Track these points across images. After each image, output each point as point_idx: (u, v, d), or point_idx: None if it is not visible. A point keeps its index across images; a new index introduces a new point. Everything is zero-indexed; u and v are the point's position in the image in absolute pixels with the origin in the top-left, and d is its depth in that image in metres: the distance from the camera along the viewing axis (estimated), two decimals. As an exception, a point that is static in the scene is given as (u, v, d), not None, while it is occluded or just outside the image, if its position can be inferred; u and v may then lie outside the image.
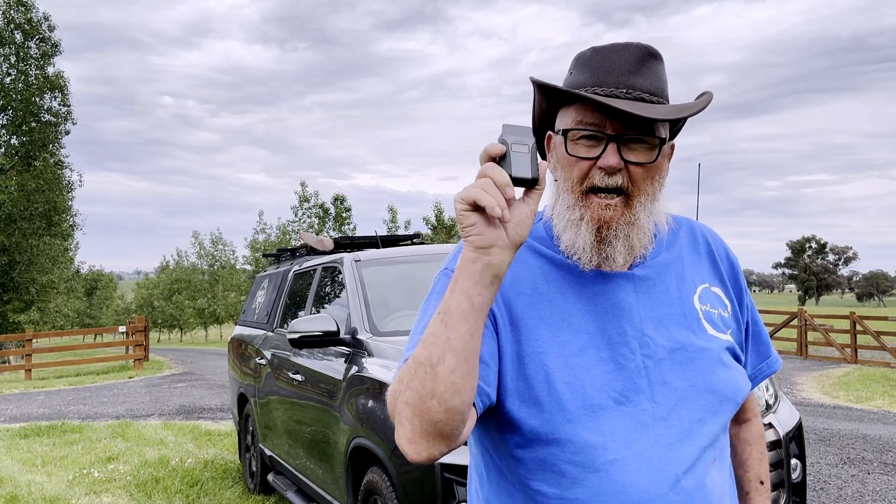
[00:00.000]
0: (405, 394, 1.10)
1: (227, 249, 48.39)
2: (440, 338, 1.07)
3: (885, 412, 9.97)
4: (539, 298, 1.26)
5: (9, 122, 28.09)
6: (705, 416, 1.24)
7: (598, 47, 1.28)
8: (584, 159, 1.23)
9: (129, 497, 6.05)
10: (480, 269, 1.05)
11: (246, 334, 6.63)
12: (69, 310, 39.08)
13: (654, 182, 1.25)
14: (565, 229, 1.25)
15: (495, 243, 1.05)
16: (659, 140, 1.24)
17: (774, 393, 4.06)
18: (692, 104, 1.28)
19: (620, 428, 1.20)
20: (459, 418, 1.09)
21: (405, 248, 5.47)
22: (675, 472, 1.20)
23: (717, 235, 1.44)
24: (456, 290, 1.07)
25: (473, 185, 1.04)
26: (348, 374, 3.89)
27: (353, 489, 3.79)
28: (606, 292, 1.26)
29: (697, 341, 1.28)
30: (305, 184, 37.69)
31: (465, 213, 1.05)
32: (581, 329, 1.24)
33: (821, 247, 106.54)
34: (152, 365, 20.21)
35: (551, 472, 1.20)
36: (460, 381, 1.07)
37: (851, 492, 5.90)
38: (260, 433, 5.86)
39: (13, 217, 26.92)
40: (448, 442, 1.11)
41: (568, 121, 1.26)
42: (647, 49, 1.26)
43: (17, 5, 27.50)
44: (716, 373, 1.28)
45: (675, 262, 1.34)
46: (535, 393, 1.20)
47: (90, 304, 61.40)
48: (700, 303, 1.33)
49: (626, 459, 1.19)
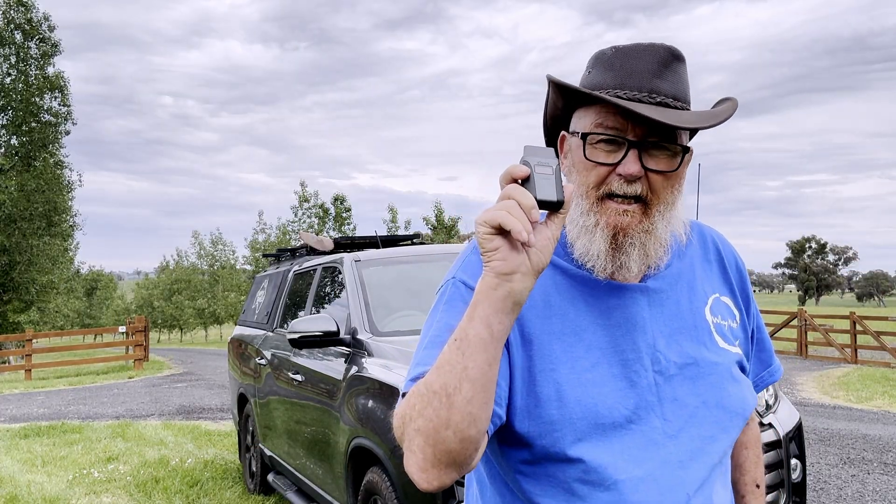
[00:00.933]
0: (417, 421, 1.06)
1: (226, 249, 48.46)
2: (457, 366, 1.02)
3: (885, 412, 9.97)
4: (551, 311, 1.21)
5: (9, 122, 28.07)
6: (716, 433, 1.22)
7: (620, 47, 1.22)
8: (603, 165, 1.18)
9: (129, 497, 6.05)
10: (502, 296, 1.00)
11: (246, 334, 6.63)
12: (69, 310, 39.10)
13: (674, 190, 1.20)
14: (579, 236, 1.20)
15: (518, 269, 1.00)
16: (681, 148, 1.19)
17: (774, 393, 4.06)
18: (718, 112, 1.22)
19: (631, 446, 1.17)
20: (474, 447, 1.06)
21: (405, 248, 5.47)
22: (685, 491, 1.17)
23: (726, 241, 1.40)
24: (475, 318, 1.02)
25: (497, 208, 0.98)
26: (348, 374, 3.89)
27: (353, 489, 3.79)
28: (620, 306, 1.22)
29: (709, 355, 1.25)
30: (305, 184, 37.70)
31: (489, 237, 0.99)
32: (593, 344, 1.20)
33: (821, 247, 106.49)
34: (152, 365, 20.21)
35: (560, 490, 1.17)
36: (477, 411, 1.03)
37: (851, 492, 5.90)
38: (260, 433, 5.86)
39: (13, 217, 26.91)
40: (461, 470, 1.07)
41: (587, 123, 1.20)
42: (671, 50, 1.20)
43: (17, 5, 27.49)
44: (726, 389, 1.25)
45: (687, 272, 1.30)
46: (546, 411, 1.16)
47: (90, 304, 61.43)
48: (711, 315, 1.29)
49: (637, 479, 1.15)
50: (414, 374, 1.14)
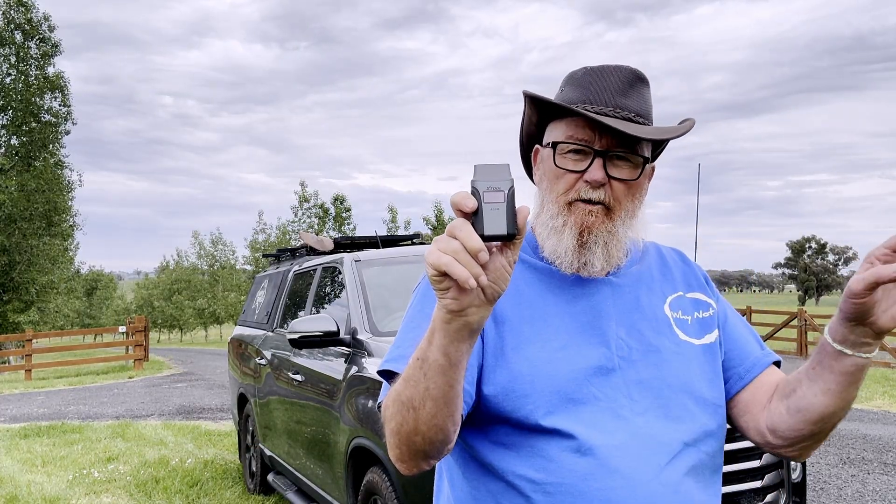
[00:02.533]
0: (391, 423, 1.15)
1: (226, 249, 48.44)
2: (420, 385, 1.07)
3: (885, 412, 9.98)
4: (521, 300, 1.30)
5: (9, 122, 28.07)
6: (682, 415, 1.27)
7: (590, 67, 1.34)
8: (571, 172, 1.29)
9: (129, 497, 6.05)
10: (457, 328, 1.01)
11: (246, 334, 6.63)
12: (69, 310, 39.09)
13: (635, 199, 1.32)
14: (549, 237, 1.31)
15: (471, 305, 0.99)
16: (642, 159, 1.30)
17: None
18: (676, 127, 1.34)
19: (603, 419, 1.23)
20: (443, 445, 1.15)
21: (405, 248, 5.47)
22: (657, 462, 1.23)
23: (681, 252, 1.51)
24: (433, 344, 1.04)
25: (442, 250, 0.94)
26: (348, 374, 3.89)
27: (353, 489, 3.79)
28: (585, 295, 1.32)
29: (670, 345, 1.32)
30: (305, 184, 37.70)
31: (437, 279, 0.96)
32: (562, 328, 1.28)
33: (821, 247, 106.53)
34: (152, 365, 20.21)
35: (540, 458, 1.22)
36: (442, 423, 1.10)
37: (851, 492, 5.90)
38: (260, 433, 5.86)
39: (13, 217, 26.91)
40: (436, 459, 1.18)
41: (558, 134, 1.32)
42: (635, 73, 1.33)
43: (17, 5, 27.49)
44: (689, 373, 1.31)
45: (646, 275, 1.39)
46: (519, 385, 1.23)
47: (90, 304, 61.38)
48: (671, 310, 1.37)
49: (612, 447, 1.22)
50: (392, 354, 1.26)
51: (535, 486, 1.21)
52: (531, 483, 1.22)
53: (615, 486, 1.20)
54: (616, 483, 1.20)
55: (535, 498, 1.21)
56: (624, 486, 1.20)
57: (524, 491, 1.22)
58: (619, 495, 1.20)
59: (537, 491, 1.21)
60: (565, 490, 1.20)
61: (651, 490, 1.21)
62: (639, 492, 1.20)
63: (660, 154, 1.44)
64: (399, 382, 1.12)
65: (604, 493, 1.19)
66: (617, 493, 1.20)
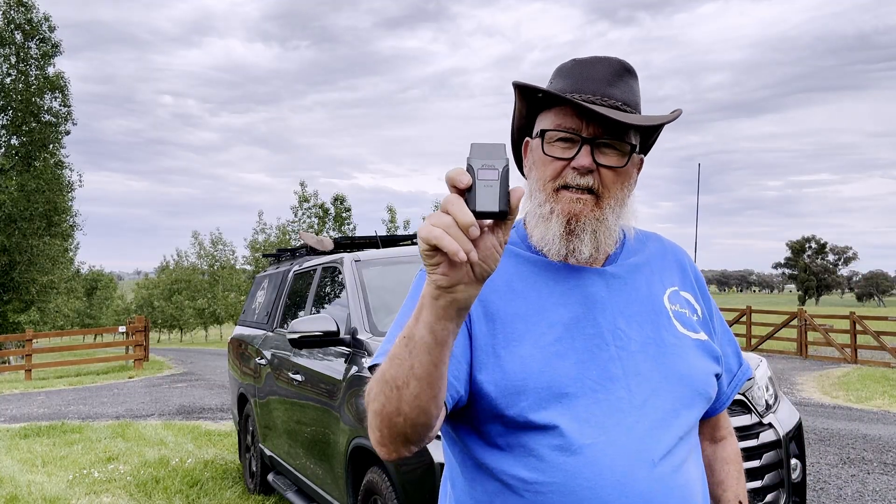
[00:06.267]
0: (374, 404, 1.13)
1: (226, 249, 48.46)
2: (405, 363, 1.06)
3: (885, 412, 9.98)
4: (514, 295, 1.30)
5: (9, 122, 28.09)
6: (678, 408, 1.29)
7: (578, 59, 1.36)
8: (559, 159, 1.30)
9: (129, 497, 6.05)
10: (444, 305, 1.00)
11: (246, 334, 6.63)
12: (69, 310, 38.99)
13: (623, 188, 1.32)
14: (537, 225, 1.31)
15: (460, 282, 0.99)
16: (630, 147, 1.31)
17: (774, 393, 4.06)
18: (662, 116, 1.35)
19: (597, 413, 1.23)
20: (425, 430, 1.13)
21: (405, 248, 5.47)
22: (651, 457, 1.23)
23: (684, 250, 1.52)
24: (420, 322, 1.03)
25: (434, 224, 0.95)
26: (348, 374, 3.89)
27: (353, 489, 3.79)
28: (579, 286, 1.32)
29: (668, 337, 1.33)
30: (305, 184, 37.71)
31: (428, 254, 0.97)
32: (556, 321, 1.28)
33: (821, 247, 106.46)
34: (152, 365, 20.20)
35: (532, 458, 1.22)
36: (425, 404, 1.09)
37: (851, 492, 5.90)
38: (260, 433, 5.86)
39: (13, 217, 26.92)
40: (417, 445, 1.16)
41: (546, 123, 1.33)
42: (623, 64, 1.34)
43: (17, 6, 27.50)
44: (687, 366, 1.32)
45: (645, 266, 1.40)
46: (511, 382, 1.23)
47: (90, 304, 61.32)
48: (670, 303, 1.38)
49: (603, 444, 1.22)
50: (381, 352, 1.25)
51: (527, 486, 1.22)
52: (524, 483, 1.22)
53: (605, 483, 1.20)
54: (606, 481, 1.20)
55: (529, 497, 1.22)
56: (615, 484, 1.20)
57: (518, 491, 1.23)
58: (609, 493, 1.20)
59: (530, 490, 1.22)
60: (556, 489, 1.21)
61: (642, 487, 1.21)
62: (629, 489, 1.21)
63: (651, 146, 1.44)
64: (384, 362, 1.11)
65: (594, 492, 1.20)
66: (608, 490, 1.20)
